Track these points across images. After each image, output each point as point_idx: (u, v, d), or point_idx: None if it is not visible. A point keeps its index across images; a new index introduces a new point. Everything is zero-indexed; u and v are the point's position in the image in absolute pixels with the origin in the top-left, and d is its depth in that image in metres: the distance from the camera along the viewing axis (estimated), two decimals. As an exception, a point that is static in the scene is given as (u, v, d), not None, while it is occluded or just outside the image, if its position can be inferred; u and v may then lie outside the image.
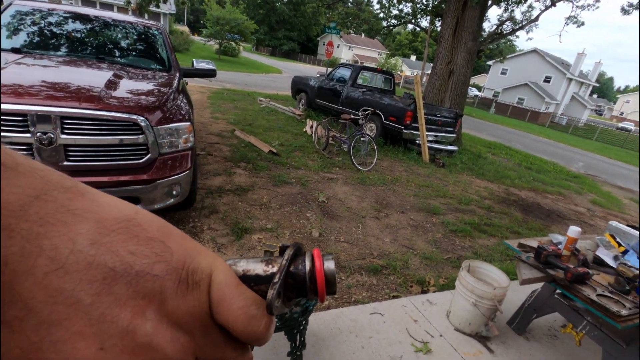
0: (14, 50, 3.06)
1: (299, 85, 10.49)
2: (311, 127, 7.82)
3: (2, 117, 2.19)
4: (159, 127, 2.67)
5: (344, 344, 2.12)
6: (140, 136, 2.59)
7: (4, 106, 2.17)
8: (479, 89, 50.69)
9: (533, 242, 2.27)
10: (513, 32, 12.30)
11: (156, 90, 3.05)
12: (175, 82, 3.41)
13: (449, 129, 8.16)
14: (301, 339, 1.70)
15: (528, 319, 2.45)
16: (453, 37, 8.80)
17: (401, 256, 3.45)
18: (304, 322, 1.70)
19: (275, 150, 5.94)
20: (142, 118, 2.56)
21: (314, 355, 1.99)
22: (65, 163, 2.39)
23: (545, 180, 8.07)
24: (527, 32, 13.49)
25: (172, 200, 2.86)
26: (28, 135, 2.24)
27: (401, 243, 3.75)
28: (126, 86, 2.92)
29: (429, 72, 10.38)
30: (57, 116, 2.27)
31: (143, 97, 2.82)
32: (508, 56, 39.09)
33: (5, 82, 2.34)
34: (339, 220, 4.01)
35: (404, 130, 7.27)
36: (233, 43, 30.51)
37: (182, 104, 3.15)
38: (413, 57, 63.43)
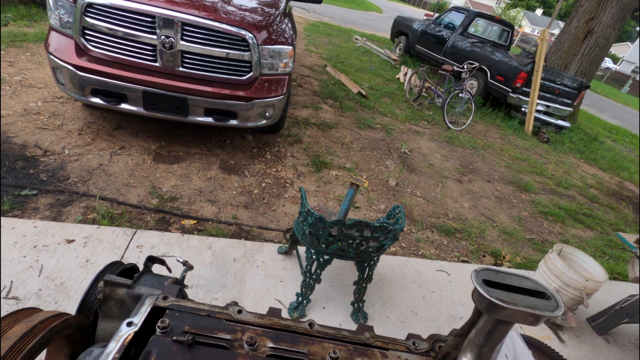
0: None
1: (400, 27, 9.70)
2: (405, 74, 7.34)
3: (133, 17, 2.40)
4: (263, 46, 2.71)
5: (406, 290, 2.14)
6: (246, 53, 2.66)
7: (138, 6, 2.36)
8: (615, 60, 41.76)
9: (655, 242, 1.94)
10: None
11: (265, 10, 3.05)
12: (282, 5, 3.37)
13: (566, 100, 7.00)
14: (369, 273, 1.75)
15: (615, 321, 2.20)
16: (606, -13, 7.11)
17: (478, 224, 3.26)
18: (375, 258, 1.73)
19: (364, 92, 5.75)
20: (250, 35, 2.61)
21: (376, 291, 2.06)
22: (180, 69, 2.59)
23: (676, 182, 6.68)
24: None
25: (264, 121, 2.99)
26: (154, 37, 2.44)
27: (481, 212, 3.52)
28: (238, 2, 2.97)
29: (555, 31, 8.71)
30: (179, 22, 2.42)
31: (253, 14, 2.85)
32: (670, 23, 30.85)
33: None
34: (419, 174, 3.86)
35: (510, 94, 6.43)
36: (337, -26, 28.80)
37: (286, 27, 3.12)
38: (539, 11, 53.77)
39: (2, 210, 1.99)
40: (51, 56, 2.48)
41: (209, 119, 2.78)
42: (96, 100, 2.57)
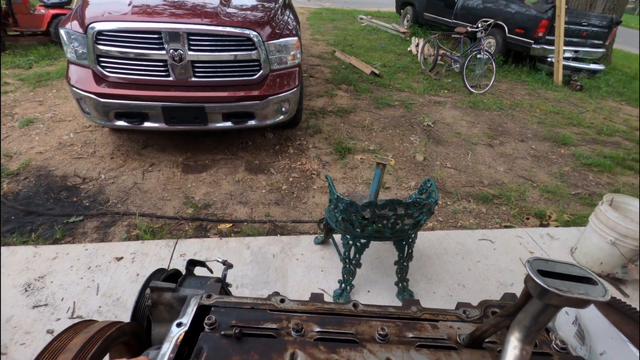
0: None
1: (404, -2, 9.35)
2: (417, 45, 7.08)
3: (141, 36, 2.46)
4: (269, 42, 2.69)
5: (449, 263, 2.09)
6: (253, 52, 2.66)
7: (143, 24, 2.42)
8: (647, -11, 38.05)
9: None
10: None
11: (264, 5, 3.04)
12: (282, -4, 3.33)
13: (596, 42, 6.49)
14: (409, 251, 1.72)
15: (684, 268, 2.03)
16: None
17: (517, 187, 3.12)
18: (413, 235, 1.70)
19: (378, 71, 5.61)
20: (254, 33, 2.60)
21: (419, 268, 2.03)
22: (193, 79, 2.63)
23: None
24: None
25: (281, 117, 2.99)
26: (163, 52, 2.49)
27: (518, 174, 3.36)
28: (237, 3, 2.97)
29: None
30: (184, 32, 2.45)
31: (253, 12, 2.84)
32: None
33: (138, 3, 2.59)
34: (446, 145, 3.74)
35: (533, 45, 6.05)
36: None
37: (289, 19, 3.09)
38: (552, -48, 49.85)
39: (56, 237, 2.14)
40: (74, 88, 2.60)
41: (228, 123, 2.82)
42: (120, 122, 2.68)
